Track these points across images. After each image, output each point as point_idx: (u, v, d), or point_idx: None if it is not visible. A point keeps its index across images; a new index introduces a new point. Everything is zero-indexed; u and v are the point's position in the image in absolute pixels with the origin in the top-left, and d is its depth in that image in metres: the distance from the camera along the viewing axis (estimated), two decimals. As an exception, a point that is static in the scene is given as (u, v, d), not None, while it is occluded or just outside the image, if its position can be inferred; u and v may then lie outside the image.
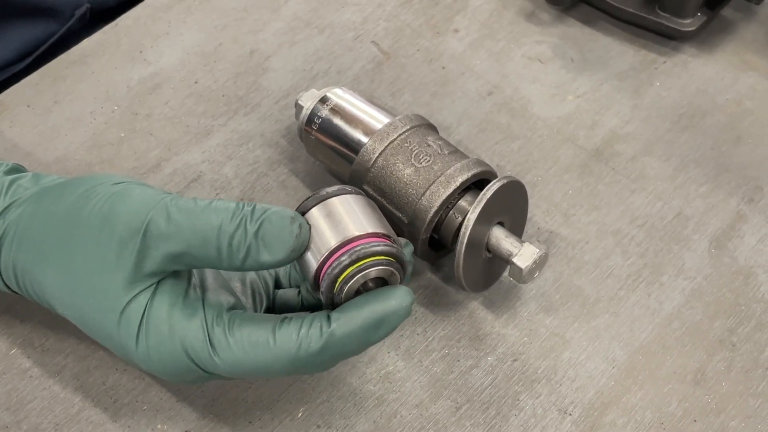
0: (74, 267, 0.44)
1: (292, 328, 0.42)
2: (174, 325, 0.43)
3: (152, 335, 0.43)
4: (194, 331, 0.43)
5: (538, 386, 0.51)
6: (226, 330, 0.43)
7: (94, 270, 0.44)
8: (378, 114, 0.55)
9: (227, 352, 0.43)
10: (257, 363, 0.42)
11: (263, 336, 0.42)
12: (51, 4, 0.71)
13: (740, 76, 0.65)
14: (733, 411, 0.51)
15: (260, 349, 0.42)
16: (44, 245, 0.45)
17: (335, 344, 0.42)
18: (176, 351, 0.43)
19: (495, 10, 0.69)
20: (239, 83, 0.65)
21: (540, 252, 0.51)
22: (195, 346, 0.43)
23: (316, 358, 0.42)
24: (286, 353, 0.42)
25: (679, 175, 0.60)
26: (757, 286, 0.55)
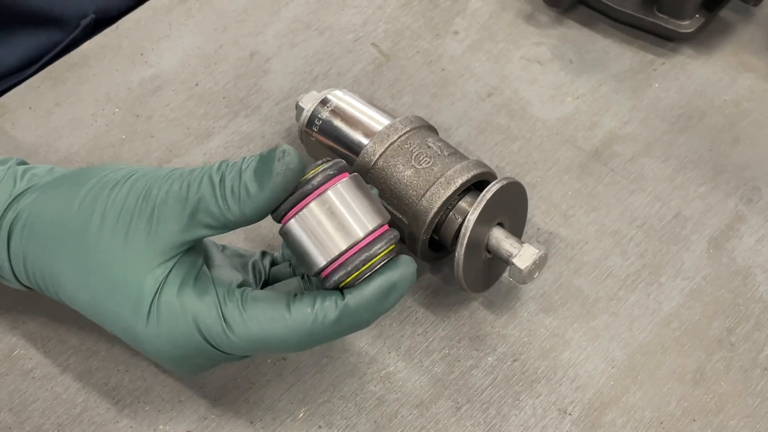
0: (92, 248, 0.45)
1: (306, 302, 0.43)
2: (186, 302, 0.43)
3: (164, 313, 0.43)
4: (207, 308, 0.43)
5: (538, 386, 0.52)
6: (240, 306, 0.43)
7: (115, 252, 0.44)
8: (378, 116, 0.56)
9: (242, 328, 0.43)
10: (273, 337, 0.43)
11: (278, 310, 0.43)
12: (57, 14, 0.72)
13: (738, 78, 0.65)
14: (731, 410, 0.51)
15: (276, 323, 0.43)
16: (61, 229, 0.45)
17: (350, 315, 0.43)
18: (188, 329, 0.43)
19: (494, 12, 0.69)
20: (240, 85, 0.65)
21: (540, 253, 0.51)
22: (208, 322, 0.43)
23: (331, 329, 0.43)
24: (302, 326, 0.43)
25: (678, 176, 0.60)
26: (755, 286, 0.55)
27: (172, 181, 0.44)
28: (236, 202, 0.43)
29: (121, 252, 0.44)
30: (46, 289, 0.47)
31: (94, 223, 0.45)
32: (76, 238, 0.45)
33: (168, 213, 0.43)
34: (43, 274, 0.47)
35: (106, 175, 0.46)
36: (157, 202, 0.44)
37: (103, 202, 0.45)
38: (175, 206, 0.43)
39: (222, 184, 0.43)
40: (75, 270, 0.45)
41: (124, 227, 0.44)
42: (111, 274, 0.44)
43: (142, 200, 0.44)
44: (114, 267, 0.44)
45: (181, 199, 0.43)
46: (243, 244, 0.57)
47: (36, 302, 0.54)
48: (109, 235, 0.44)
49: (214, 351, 0.44)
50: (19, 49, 0.72)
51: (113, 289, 0.44)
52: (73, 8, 0.73)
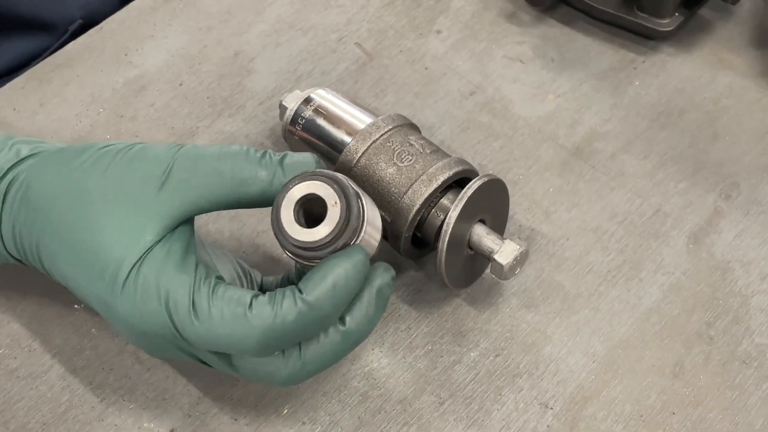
0: (87, 206, 0.45)
1: (266, 299, 0.43)
2: (163, 277, 0.43)
3: (140, 283, 0.43)
4: (181, 288, 0.43)
5: (519, 381, 0.52)
6: (210, 294, 0.43)
7: (108, 219, 0.44)
8: (361, 114, 0.56)
9: (205, 317, 0.43)
10: (233, 334, 0.43)
11: (241, 306, 0.43)
12: (45, 20, 0.72)
13: (717, 75, 0.66)
14: (710, 403, 0.52)
15: (237, 319, 0.43)
16: (58, 187, 0.46)
17: (310, 310, 0.43)
18: (158, 304, 0.43)
19: (476, 11, 0.70)
20: (224, 85, 0.65)
21: (521, 249, 0.52)
22: (177, 302, 0.43)
23: (292, 327, 0.43)
24: (262, 324, 0.42)
25: (658, 173, 0.61)
26: (734, 281, 0.56)
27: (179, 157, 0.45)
28: (262, 183, 0.45)
29: (118, 212, 0.44)
30: (30, 254, 0.47)
31: (94, 181, 0.45)
32: (73, 196, 0.45)
33: (180, 178, 0.44)
34: (30, 235, 0.46)
35: (113, 144, 0.47)
36: (169, 166, 0.44)
37: (107, 162, 0.45)
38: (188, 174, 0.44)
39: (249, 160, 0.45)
40: (63, 227, 0.45)
41: (129, 189, 0.44)
42: (99, 234, 0.44)
43: (155, 164, 0.45)
44: (105, 227, 0.44)
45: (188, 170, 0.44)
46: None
47: (20, 302, 0.55)
48: (109, 194, 0.44)
49: (178, 337, 0.44)
50: (7, 55, 0.72)
51: (97, 250, 0.44)
52: (61, 14, 0.73)
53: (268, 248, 0.57)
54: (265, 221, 0.58)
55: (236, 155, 0.45)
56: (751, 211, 0.59)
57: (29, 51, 0.73)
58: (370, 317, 0.45)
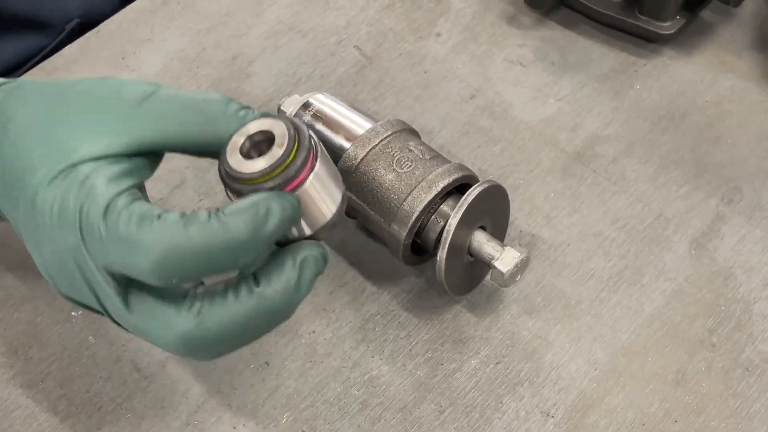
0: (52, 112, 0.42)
1: (178, 213, 0.39)
2: (96, 172, 0.40)
3: (72, 175, 0.40)
4: (99, 195, 0.39)
5: (521, 389, 0.52)
6: (125, 206, 0.39)
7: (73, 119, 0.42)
8: (360, 119, 0.56)
9: (113, 220, 0.39)
10: (134, 237, 0.38)
11: (153, 212, 0.39)
12: (42, 19, 0.72)
13: (719, 78, 0.66)
14: (713, 411, 0.51)
15: (144, 222, 0.38)
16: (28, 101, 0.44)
17: (223, 229, 0.39)
18: (76, 194, 0.40)
19: (477, 14, 0.69)
20: (222, 88, 0.65)
21: (521, 256, 0.51)
22: (92, 206, 0.39)
23: (200, 245, 0.38)
24: (167, 232, 0.38)
25: (660, 177, 0.61)
26: (736, 287, 0.56)
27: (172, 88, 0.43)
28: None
29: (87, 117, 0.42)
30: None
31: (69, 92, 0.43)
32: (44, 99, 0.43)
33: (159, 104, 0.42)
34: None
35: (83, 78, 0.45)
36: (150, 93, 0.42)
37: (87, 82, 0.44)
38: (168, 103, 0.42)
39: (229, 106, 0.43)
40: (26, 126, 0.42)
41: (103, 102, 0.42)
42: (61, 129, 0.41)
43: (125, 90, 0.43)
44: (69, 126, 0.42)
45: (180, 98, 0.42)
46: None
47: (16, 310, 0.54)
48: (81, 101, 0.42)
49: (81, 244, 0.40)
50: (4, 54, 0.72)
51: (52, 141, 0.41)
52: (59, 13, 0.73)
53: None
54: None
55: (218, 101, 0.43)
56: (754, 216, 0.59)
57: (26, 50, 0.73)
58: (290, 287, 0.41)
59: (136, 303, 0.40)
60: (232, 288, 0.41)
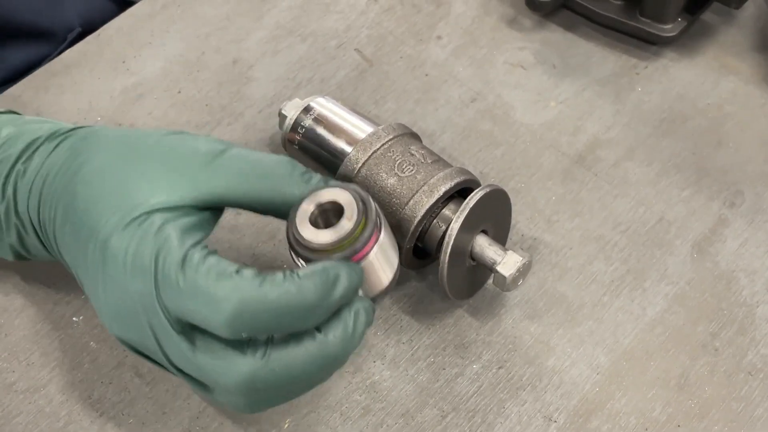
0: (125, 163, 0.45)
1: (255, 270, 0.41)
2: (169, 224, 0.42)
3: (142, 228, 0.42)
4: (181, 241, 0.42)
5: (523, 393, 0.52)
6: (205, 256, 0.41)
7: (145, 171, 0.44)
8: (361, 123, 0.56)
9: (191, 272, 0.40)
10: (212, 293, 0.40)
11: (229, 269, 0.41)
12: (44, 28, 0.72)
13: (720, 80, 0.66)
14: (716, 416, 0.51)
15: (222, 278, 0.40)
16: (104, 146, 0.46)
17: (297, 291, 0.40)
18: (151, 246, 0.41)
19: (477, 17, 0.69)
20: (222, 92, 0.65)
21: (524, 260, 0.51)
22: (172, 249, 0.41)
23: (274, 304, 0.40)
24: (243, 289, 0.40)
25: (661, 180, 0.61)
26: (739, 291, 0.56)
27: (242, 147, 0.46)
28: (304, 189, 0.44)
29: (158, 170, 0.44)
30: (49, 206, 0.46)
31: (143, 143, 0.45)
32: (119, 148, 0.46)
33: (228, 162, 0.44)
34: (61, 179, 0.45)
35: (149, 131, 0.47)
36: (220, 151, 0.45)
37: (161, 134, 0.46)
38: (237, 161, 0.44)
39: (296, 168, 0.45)
40: (98, 171, 0.45)
41: (175, 156, 0.44)
42: (132, 180, 0.44)
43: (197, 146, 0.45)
44: (140, 177, 0.44)
45: (249, 158, 0.45)
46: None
47: (18, 315, 0.54)
48: (154, 154, 0.45)
49: (154, 296, 0.41)
50: (6, 64, 0.72)
51: (122, 192, 0.43)
52: (60, 22, 0.73)
53: (267, 260, 0.57)
54: (264, 232, 0.57)
55: (284, 163, 0.46)
56: (756, 219, 0.59)
57: (28, 59, 0.73)
58: (347, 335, 0.43)
59: (201, 345, 0.42)
60: (295, 335, 0.42)
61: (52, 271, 0.54)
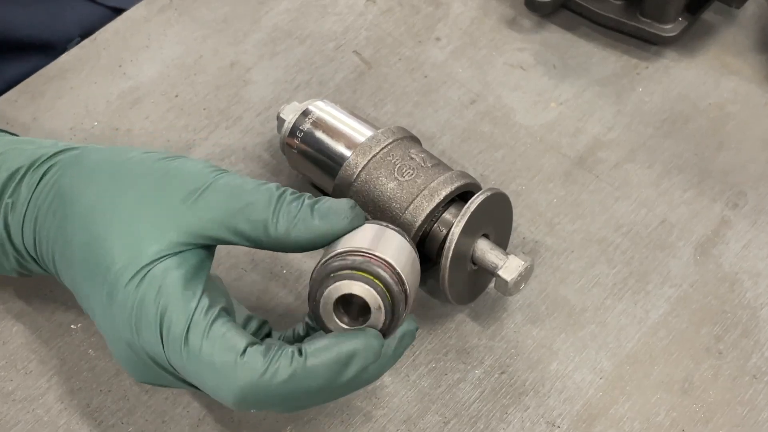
0: (109, 210, 0.44)
1: (261, 350, 0.41)
2: (165, 289, 0.42)
3: (144, 286, 0.42)
4: (181, 309, 0.41)
5: (526, 399, 0.51)
6: (207, 328, 0.41)
7: (129, 220, 0.43)
8: (360, 127, 0.55)
9: (195, 351, 0.40)
10: (216, 377, 0.40)
11: (234, 350, 0.40)
12: (44, 40, 0.72)
13: (722, 80, 0.65)
14: (720, 420, 0.51)
15: (226, 365, 0.40)
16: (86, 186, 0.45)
17: (303, 375, 0.40)
18: (153, 316, 0.41)
19: (476, 18, 0.69)
20: (220, 96, 0.64)
21: (525, 264, 0.51)
22: (173, 324, 0.41)
23: (277, 389, 0.40)
24: (249, 376, 0.40)
25: (663, 182, 0.60)
26: (742, 293, 0.55)
27: (230, 176, 0.44)
28: (288, 221, 0.42)
29: (142, 215, 0.43)
30: (45, 247, 0.46)
31: (126, 181, 0.44)
32: (102, 190, 0.45)
33: (213, 199, 0.43)
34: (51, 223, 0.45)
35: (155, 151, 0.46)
36: (205, 185, 0.43)
37: (145, 167, 0.45)
38: (222, 197, 0.43)
39: (281, 201, 0.43)
40: (84, 219, 0.44)
41: (158, 196, 0.44)
42: (116, 233, 0.43)
43: (182, 180, 0.44)
44: (123, 227, 0.43)
45: (234, 192, 0.43)
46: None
47: (15, 322, 0.53)
48: (137, 196, 0.44)
49: (165, 359, 0.42)
50: (6, 76, 0.71)
51: (111, 248, 0.43)
52: (60, 33, 0.72)
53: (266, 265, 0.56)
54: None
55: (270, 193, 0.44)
56: (759, 220, 0.58)
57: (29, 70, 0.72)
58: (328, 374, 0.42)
59: None
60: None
61: (49, 278, 0.53)
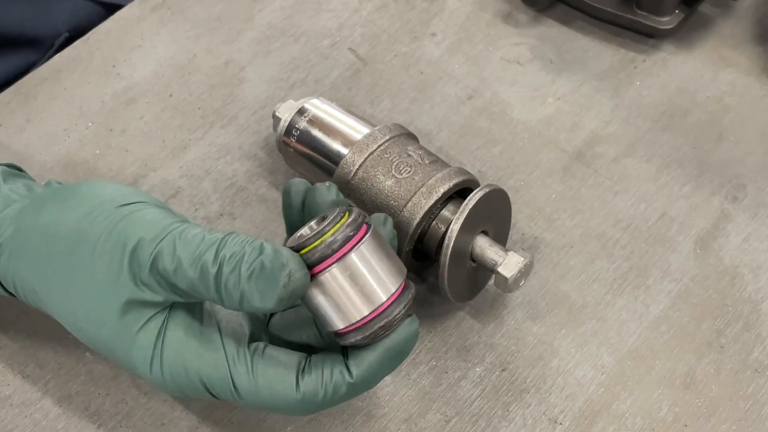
0: (81, 290, 0.43)
1: (315, 377, 0.43)
2: (192, 358, 0.43)
3: (167, 365, 0.43)
4: (215, 366, 0.43)
5: (527, 396, 0.51)
6: (250, 369, 0.43)
7: (104, 293, 0.43)
8: (357, 124, 0.55)
9: (250, 393, 0.43)
10: (280, 406, 0.43)
11: (288, 381, 0.42)
12: (31, 36, 0.71)
13: (719, 73, 0.65)
14: (723, 414, 0.50)
15: (285, 394, 0.42)
16: (47, 265, 0.44)
17: (358, 388, 0.43)
18: (194, 383, 0.43)
19: (472, 13, 0.68)
20: (215, 95, 0.64)
21: (525, 260, 0.50)
22: (214, 380, 0.43)
23: (339, 401, 0.43)
24: (312, 401, 0.43)
25: (662, 176, 0.60)
26: (743, 286, 0.55)
27: (159, 253, 0.42)
28: (232, 302, 0.41)
29: (108, 297, 0.43)
30: (26, 295, 0.46)
31: (83, 263, 0.43)
32: (64, 277, 0.44)
33: (153, 283, 0.42)
34: (35, 301, 0.46)
35: (91, 212, 0.44)
36: (144, 272, 0.42)
37: (91, 244, 0.43)
38: (161, 280, 0.42)
39: (218, 280, 0.41)
40: (67, 309, 0.45)
41: (114, 272, 0.43)
42: (105, 318, 0.43)
43: (127, 264, 0.42)
44: (106, 311, 0.43)
45: (167, 274, 0.41)
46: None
47: (11, 326, 0.53)
48: (100, 277, 0.43)
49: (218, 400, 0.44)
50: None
51: (109, 335, 0.43)
52: (47, 28, 0.72)
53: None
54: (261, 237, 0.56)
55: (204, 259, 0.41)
56: (759, 213, 0.58)
57: (17, 66, 0.72)
58: (380, 375, 0.44)
59: None
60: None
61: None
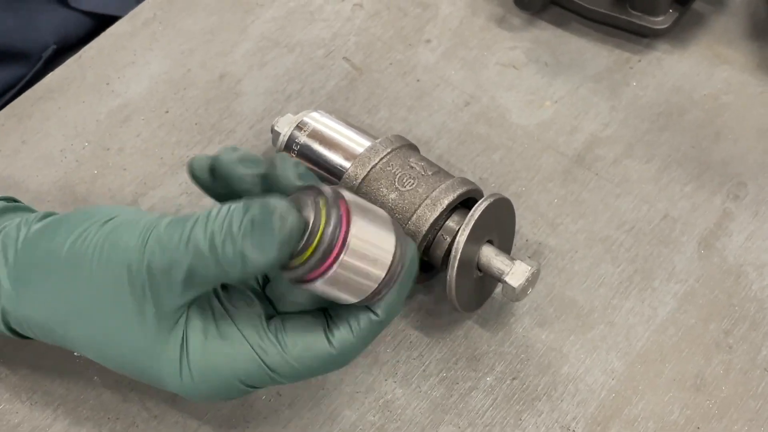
0: (95, 319, 0.43)
1: (343, 329, 0.43)
2: (219, 358, 0.43)
3: (197, 371, 0.43)
4: (245, 360, 0.43)
5: (539, 404, 0.51)
6: (279, 348, 0.43)
7: (117, 319, 0.43)
8: (357, 137, 0.54)
9: (287, 369, 0.43)
10: (319, 369, 0.43)
11: (320, 343, 0.43)
12: (18, 49, 0.70)
13: (715, 71, 0.65)
14: (734, 415, 0.50)
15: (321, 356, 0.43)
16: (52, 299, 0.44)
17: (384, 324, 0.44)
18: (229, 382, 0.43)
19: (465, 18, 0.68)
20: (211, 110, 0.63)
21: (532, 269, 0.50)
22: (248, 372, 0.43)
23: (368, 344, 0.44)
24: (349, 352, 0.43)
25: (663, 176, 0.60)
26: (748, 285, 0.55)
27: (151, 254, 0.41)
28: (236, 269, 0.40)
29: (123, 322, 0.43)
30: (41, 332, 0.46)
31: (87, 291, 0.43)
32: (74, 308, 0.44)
33: (157, 287, 0.41)
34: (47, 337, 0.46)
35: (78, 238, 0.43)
36: (143, 278, 0.41)
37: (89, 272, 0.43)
38: (162, 280, 0.41)
39: (214, 253, 0.39)
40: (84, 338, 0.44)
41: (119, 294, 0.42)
42: (125, 341, 0.43)
43: (126, 278, 0.42)
44: (123, 335, 0.43)
45: (165, 272, 0.41)
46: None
47: (17, 353, 0.52)
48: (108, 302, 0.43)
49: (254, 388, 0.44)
50: None
51: (131, 355, 0.43)
52: (35, 41, 0.71)
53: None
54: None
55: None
56: (761, 211, 0.58)
57: (5, 80, 0.71)
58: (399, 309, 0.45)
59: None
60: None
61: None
